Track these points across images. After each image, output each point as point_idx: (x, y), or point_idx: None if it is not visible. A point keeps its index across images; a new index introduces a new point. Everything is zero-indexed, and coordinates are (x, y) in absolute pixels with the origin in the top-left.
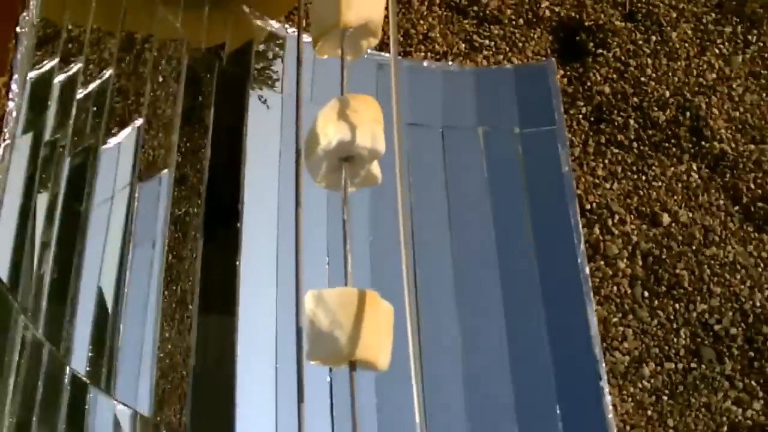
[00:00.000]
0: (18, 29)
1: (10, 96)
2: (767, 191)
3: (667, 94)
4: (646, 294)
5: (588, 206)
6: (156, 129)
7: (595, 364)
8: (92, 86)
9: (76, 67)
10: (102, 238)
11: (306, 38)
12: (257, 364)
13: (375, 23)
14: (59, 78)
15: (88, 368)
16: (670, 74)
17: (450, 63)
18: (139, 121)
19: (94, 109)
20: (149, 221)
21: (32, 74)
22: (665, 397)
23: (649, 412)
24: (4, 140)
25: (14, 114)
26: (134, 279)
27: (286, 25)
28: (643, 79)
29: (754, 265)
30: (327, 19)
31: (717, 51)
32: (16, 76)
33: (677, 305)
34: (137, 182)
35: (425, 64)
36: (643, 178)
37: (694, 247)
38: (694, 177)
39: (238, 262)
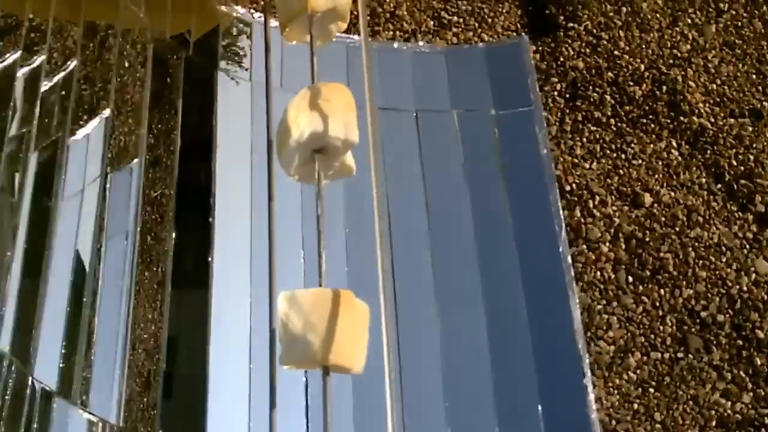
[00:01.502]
0: None
1: None
2: (750, 168)
3: (642, 67)
4: (630, 279)
5: (567, 187)
6: (125, 116)
7: (579, 361)
8: (57, 77)
9: (39, 59)
10: (73, 233)
11: (273, 23)
12: (230, 365)
13: (343, 6)
14: (22, 71)
15: (57, 377)
16: (643, 47)
17: (420, 43)
18: (107, 112)
19: (61, 100)
20: (122, 213)
21: None
22: (652, 390)
23: (636, 406)
24: None
25: None
26: (108, 276)
27: (252, 10)
28: (616, 52)
29: (739, 246)
30: (294, 3)
31: (689, 21)
32: None
33: (662, 291)
34: (108, 173)
35: (395, 45)
36: (623, 156)
37: (677, 229)
38: (674, 154)
39: (210, 258)
